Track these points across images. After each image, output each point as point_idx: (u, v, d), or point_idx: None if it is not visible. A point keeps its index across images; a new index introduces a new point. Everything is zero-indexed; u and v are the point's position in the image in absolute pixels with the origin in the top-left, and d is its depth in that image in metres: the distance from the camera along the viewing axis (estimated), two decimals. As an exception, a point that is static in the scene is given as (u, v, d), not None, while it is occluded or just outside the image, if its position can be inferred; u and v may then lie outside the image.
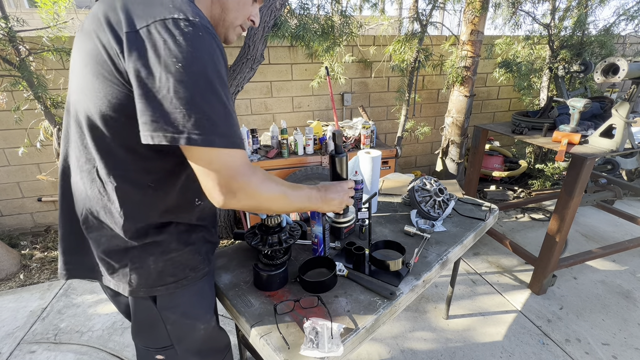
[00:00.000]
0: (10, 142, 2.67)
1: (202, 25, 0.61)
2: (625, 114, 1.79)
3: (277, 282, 1.03)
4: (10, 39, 2.09)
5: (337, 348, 0.81)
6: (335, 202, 0.95)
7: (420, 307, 2.07)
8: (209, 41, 0.61)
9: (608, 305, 2.08)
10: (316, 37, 2.34)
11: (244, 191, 0.68)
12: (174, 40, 0.58)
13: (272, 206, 0.77)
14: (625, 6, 3.24)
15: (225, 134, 0.63)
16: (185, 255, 0.84)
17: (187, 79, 0.59)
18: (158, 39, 0.58)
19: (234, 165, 0.66)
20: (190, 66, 0.59)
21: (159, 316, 0.85)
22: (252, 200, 0.71)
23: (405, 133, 3.27)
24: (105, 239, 0.78)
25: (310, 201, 0.89)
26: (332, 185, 0.97)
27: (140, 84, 0.60)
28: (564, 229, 1.95)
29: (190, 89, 0.59)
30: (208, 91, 0.61)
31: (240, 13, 0.80)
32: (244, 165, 0.67)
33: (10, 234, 2.86)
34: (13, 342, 1.84)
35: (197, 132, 0.60)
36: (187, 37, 0.59)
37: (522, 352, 1.76)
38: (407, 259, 1.13)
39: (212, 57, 0.62)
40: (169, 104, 0.59)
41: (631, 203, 3.39)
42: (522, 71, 3.23)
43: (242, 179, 0.67)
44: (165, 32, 0.58)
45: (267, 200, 0.74)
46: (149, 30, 0.59)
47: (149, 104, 0.60)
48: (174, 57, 0.58)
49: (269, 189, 0.73)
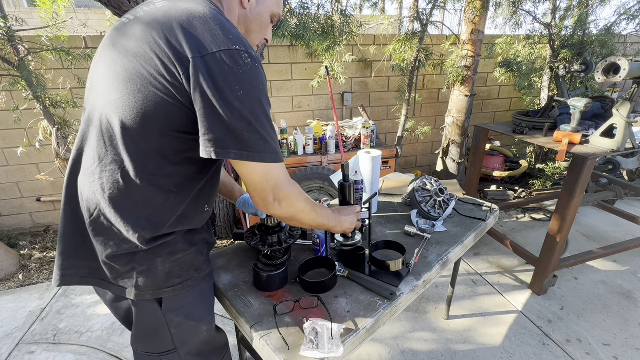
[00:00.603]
0: (9, 142, 2.66)
1: (256, 57, 0.70)
2: (627, 114, 1.78)
3: (277, 282, 1.02)
4: (9, 38, 2.09)
5: (337, 349, 0.80)
6: (346, 224, 1.02)
7: (420, 308, 2.07)
8: (260, 71, 0.71)
9: (609, 305, 2.07)
10: (316, 37, 2.33)
11: (288, 200, 0.79)
12: (238, 69, 0.66)
13: (303, 218, 0.85)
14: (626, 6, 3.23)
15: (274, 150, 0.73)
16: (191, 255, 0.85)
17: (248, 105, 0.67)
18: (224, 66, 0.65)
19: (280, 178, 0.76)
20: (251, 94, 0.67)
21: (163, 319, 0.85)
22: (291, 209, 0.81)
23: (405, 133, 3.27)
24: (113, 242, 0.77)
25: (329, 220, 0.95)
26: (343, 209, 1.05)
27: (206, 104, 0.66)
28: (564, 229, 1.94)
29: (250, 114, 0.67)
30: (262, 115, 0.70)
31: (260, 35, 0.87)
32: (287, 178, 0.78)
33: (9, 234, 2.86)
34: (12, 343, 1.84)
35: (256, 151, 0.69)
36: (247, 67, 0.67)
37: (522, 352, 1.76)
38: (407, 260, 1.13)
39: (264, 84, 0.71)
40: (234, 125, 0.67)
41: (632, 203, 3.39)
42: (522, 71, 3.22)
43: (287, 189, 0.78)
44: (230, 61, 0.65)
45: (301, 212, 0.83)
46: (215, 57, 0.65)
47: (214, 123, 0.67)
48: (237, 85, 0.66)
49: (305, 202, 0.83)
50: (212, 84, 0.65)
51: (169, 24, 0.67)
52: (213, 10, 0.71)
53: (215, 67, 0.65)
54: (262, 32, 0.87)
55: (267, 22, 0.87)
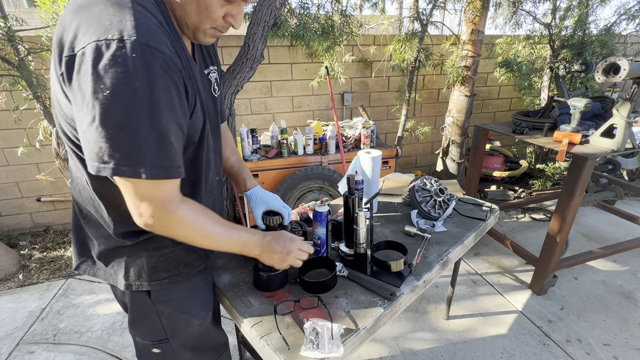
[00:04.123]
0: (9, 142, 2.66)
1: (139, 44, 0.56)
2: (627, 114, 1.78)
3: (277, 282, 1.02)
4: (9, 38, 2.08)
5: (337, 349, 0.80)
6: (275, 257, 0.90)
7: (420, 308, 2.07)
8: (142, 62, 0.56)
9: (609, 305, 2.07)
10: (316, 37, 2.33)
11: (162, 223, 0.69)
12: (104, 66, 0.55)
13: (191, 242, 0.77)
14: (626, 6, 3.23)
15: (154, 164, 0.61)
16: (179, 252, 0.86)
17: (114, 107, 0.56)
18: (88, 64, 0.55)
19: (157, 197, 0.65)
20: (119, 93, 0.55)
21: (153, 309, 0.87)
22: (169, 233, 0.72)
23: (405, 133, 3.27)
24: (103, 238, 0.81)
25: (246, 247, 0.86)
26: (281, 238, 0.91)
27: (75, 111, 0.59)
28: (564, 229, 1.94)
29: (118, 118, 0.56)
30: (138, 119, 0.57)
31: (203, 17, 0.68)
32: (169, 197, 0.67)
33: (9, 234, 2.85)
34: (12, 343, 1.83)
35: (125, 163, 0.59)
36: (117, 61, 0.55)
37: (522, 352, 1.76)
38: (409, 260, 1.13)
39: (147, 80, 0.57)
40: (96, 133, 0.57)
41: (632, 203, 3.39)
42: (522, 71, 3.22)
43: (163, 211, 0.67)
44: (95, 57, 0.55)
45: (185, 238, 0.75)
46: (83, 54, 0.56)
47: (81, 133, 0.59)
48: (102, 84, 0.55)
49: (190, 226, 0.72)
50: (77, 86, 0.57)
51: (70, 16, 0.61)
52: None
53: (79, 67, 0.57)
54: (207, 14, 0.67)
55: (209, 2, 0.66)
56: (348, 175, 1.12)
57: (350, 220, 1.11)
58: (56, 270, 2.45)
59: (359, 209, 1.08)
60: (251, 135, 2.64)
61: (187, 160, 0.78)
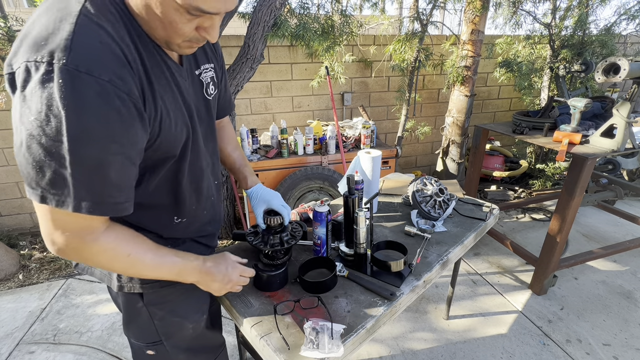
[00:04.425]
0: (9, 142, 2.66)
1: (67, 69, 0.51)
2: (627, 114, 1.78)
3: (277, 282, 1.02)
4: (9, 38, 2.09)
5: (337, 349, 0.80)
6: (214, 286, 0.86)
7: (420, 308, 2.07)
8: (70, 89, 0.51)
9: (609, 305, 2.07)
10: (316, 37, 2.33)
11: (78, 252, 0.65)
12: (30, 90, 0.52)
13: (117, 271, 0.78)
14: (626, 6, 3.24)
15: (83, 198, 0.57)
16: None
17: (39, 136, 0.52)
18: (19, 86, 0.53)
19: (75, 228, 0.61)
20: (44, 121, 0.51)
21: (146, 310, 0.87)
22: (88, 262, 0.70)
23: (405, 133, 3.27)
24: None
25: (182, 274, 0.79)
26: (223, 264, 0.87)
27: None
28: (564, 229, 1.94)
29: (44, 146, 0.53)
30: (64, 149, 0.53)
31: (170, 32, 0.62)
32: (90, 228, 0.63)
33: (9, 234, 2.85)
34: (12, 343, 1.83)
35: (51, 192, 0.56)
36: (44, 86, 0.51)
37: (522, 352, 1.76)
38: (409, 260, 1.13)
39: (74, 109, 0.52)
40: (23, 159, 0.55)
41: (632, 203, 3.39)
42: (522, 71, 3.22)
43: (80, 241, 0.63)
44: (24, 80, 0.52)
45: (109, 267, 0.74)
46: (17, 73, 0.53)
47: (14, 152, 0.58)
48: (27, 109, 0.52)
49: (112, 256, 0.68)
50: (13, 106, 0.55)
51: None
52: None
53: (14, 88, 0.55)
54: (172, 29, 0.61)
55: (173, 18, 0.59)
56: (348, 175, 1.12)
57: (350, 220, 1.11)
58: (56, 270, 2.45)
59: (359, 209, 1.08)
60: (251, 135, 2.63)
61: (169, 172, 0.76)
